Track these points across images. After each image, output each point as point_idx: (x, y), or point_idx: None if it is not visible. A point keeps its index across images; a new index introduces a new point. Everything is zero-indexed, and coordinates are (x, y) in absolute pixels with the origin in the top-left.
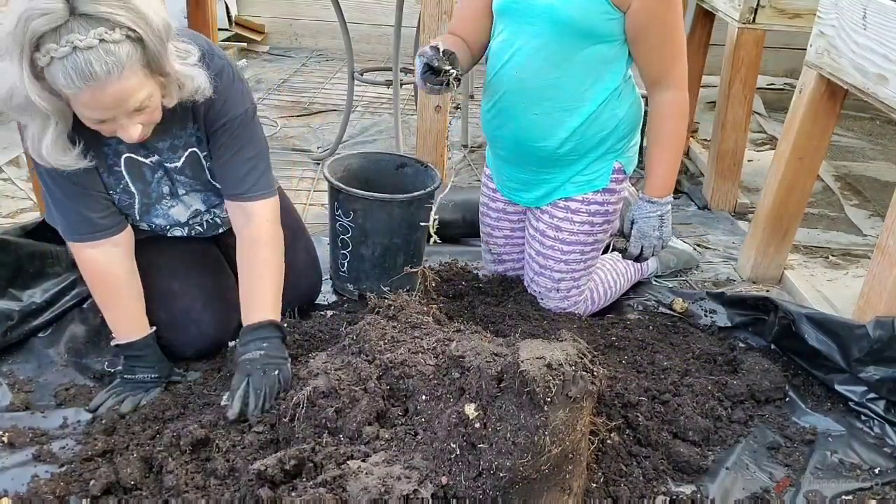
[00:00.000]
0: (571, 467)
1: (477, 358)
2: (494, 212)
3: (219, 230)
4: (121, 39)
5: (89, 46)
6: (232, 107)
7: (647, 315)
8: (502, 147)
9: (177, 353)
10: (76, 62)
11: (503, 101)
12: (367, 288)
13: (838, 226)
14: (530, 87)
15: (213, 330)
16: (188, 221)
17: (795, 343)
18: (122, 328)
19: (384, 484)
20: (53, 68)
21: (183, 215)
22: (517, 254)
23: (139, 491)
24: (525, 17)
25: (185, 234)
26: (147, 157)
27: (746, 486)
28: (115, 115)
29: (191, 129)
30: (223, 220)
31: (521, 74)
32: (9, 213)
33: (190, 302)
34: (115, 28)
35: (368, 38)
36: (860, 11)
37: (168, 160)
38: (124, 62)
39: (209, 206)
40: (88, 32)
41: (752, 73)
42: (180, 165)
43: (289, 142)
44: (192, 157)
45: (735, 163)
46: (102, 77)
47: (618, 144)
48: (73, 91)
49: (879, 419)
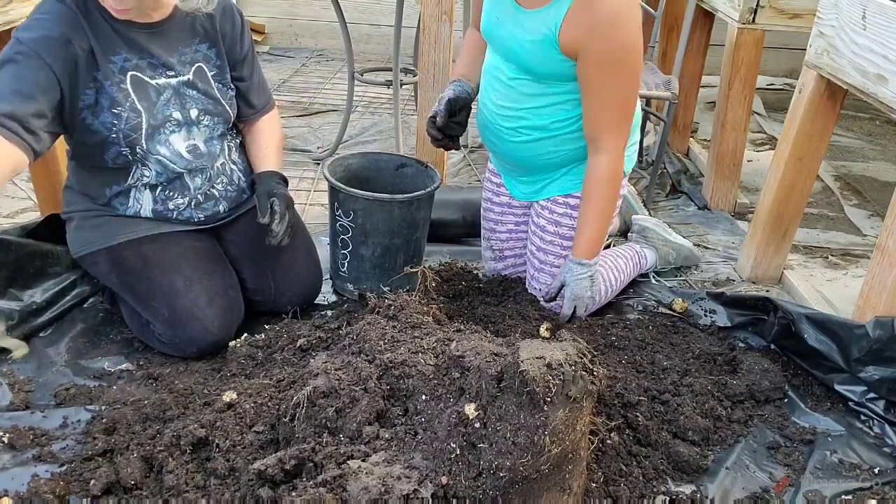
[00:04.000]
0: (571, 467)
1: (477, 358)
2: (499, 206)
3: (219, 208)
4: None
5: None
6: (247, 31)
7: (647, 315)
8: (495, 156)
9: (179, 351)
10: None
11: (487, 122)
12: (367, 288)
13: (838, 226)
14: (510, 116)
15: (216, 328)
16: (196, 166)
17: (795, 343)
18: None
19: (384, 484)
20: None
21: (182, 145)
22: (519, 249)
23: (139, 491)
24: (500, 52)
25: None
26: (153, 78)
27: (746, 486)
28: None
29: (196, 47)
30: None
31: (501, 102)
32: (9, 213)
33: (193, 299)
34: None
35: (368, 38)
36: (860, 11)
37: (179, 73)
38: None
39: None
40: None
41: (752, 73)
42: (191, 78)
43: (289, 142)
44: (199, 71)
45: (735, 163)
46: None
47: None
48: None
49: (879, 419)
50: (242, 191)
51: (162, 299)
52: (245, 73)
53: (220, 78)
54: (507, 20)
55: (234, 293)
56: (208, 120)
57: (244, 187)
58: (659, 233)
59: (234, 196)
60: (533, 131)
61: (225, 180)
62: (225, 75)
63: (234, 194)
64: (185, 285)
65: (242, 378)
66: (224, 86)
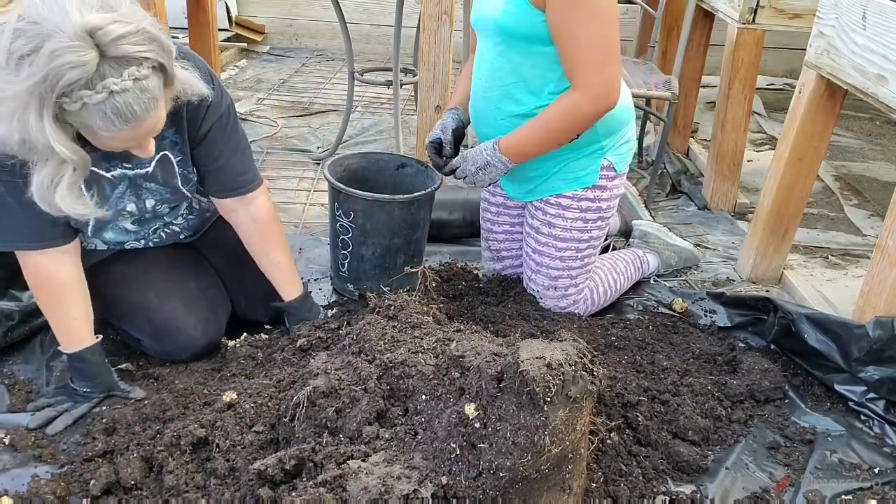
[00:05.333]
0: (571, 467)
1: (477, 358)
2: (494, 206)
3: (180, 237)
4: (149, 74)
5: (125, 89)
6: (218, 105)
7: (647, 315)
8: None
9: (174, 359)
10: (116, 106)
11: (478, 109)
12: (368, 288)
13: (838, 226)
14: (494, 96)
15: (200, 332)
16: (143, 235)
17: (795, 343)
18: (67, 337)
19: (384, 484)
20: (86, 113)
21: (130, 225)
22: (516, 250)
23: (139, 491)
24: (484, 32)
25: (142, 246)
26: (108, 171)
27: (746, 486)
28: (142, 141)
29: (162, 133)
30: (182, 227)
31: (486, 83)
32: None
33: (171, 310)
34: (143, 63)
35: (368, 38)
36: (860, 11)
37: (138, 165)
38: (158, 95)
39: (167, 221)
40: (122, 74)
41: (752, 73)
42: (151, 171)
43: (289, 142)
44: (163, 161)
45: (735, 163)
46: (142, 115)
47: (604, 142)
48: (112, 132)
49: (879, 419)
50: (206, 214)
51: (140, 316)
52: (204, 158)
53: (185, 164)
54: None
55: (215, 291)
56: (165, 207)
57: (207, 208)
58: (660, 237)
59: (196, 224)
60: (521, 106)
61: (184, 217)
62: (188, 162)
63: (195, 222)
64: (160, 298)
65: (242, 378)
66: (189, 173)
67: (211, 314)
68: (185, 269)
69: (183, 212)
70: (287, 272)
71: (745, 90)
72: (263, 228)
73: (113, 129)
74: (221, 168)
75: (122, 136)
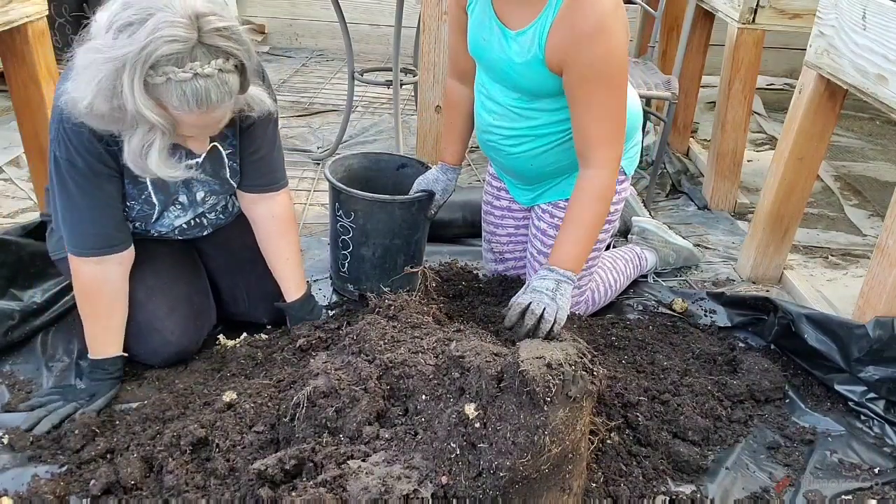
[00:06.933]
0: (571, 467)
1: (477, 358)
2: (499, 210)
3: (204, 232)
4: (232, 70)
5: (208, 75)
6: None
7: (647, 315)
8: (495, 164)
9: (148, 361)
10: (195, 88)
11: (486, 139)
12: (368, 288)
13: (838, 226)
14: (509, 136)
15: (176, 337)
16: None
17: (795, 343)
18: (100, 345)
19: (384, 484)
20: (167, 88)
21: (181, 221)
22: (520, 252)
23: (139, 491)
24: (490, 71)
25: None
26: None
27: (746, 486)
28: (204, 131)
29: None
30: (211, 223)
31: (498, 122)
32: (9, 213)
33: (153, 310)
34: (230, 59)
35: (368, 38)
36: (860, 11)
37: (189, 156)
38: (234, 91)
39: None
40: (209, 62)
41: (752, 73)
42: (201, 161)
43: (289, 142)
44: (212, 152)
45: (735, 163)
46: (216, 103)
47: None
48: (184, 112)
49: (879, 419)
50: (230, 217)
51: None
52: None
53: (234, 157)
54: (493, 42)
55: (201, 298)
56: (213, 199)
57: (233, 211)
58: (659, 234)
59: (221, 222)
60: (533, 147)
61: (217, 212)
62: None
63: (222, 220)
64: (146, 296)
65: (242, 378)
66: (238, 165)
67: (190, 321)
68: (179, 270)
69: (219, 207)
70: (295, 271)
71: (745, 90)
72: (281, 226)
73: (186, 109)
74: (256, 161)
75: (189, 120)
